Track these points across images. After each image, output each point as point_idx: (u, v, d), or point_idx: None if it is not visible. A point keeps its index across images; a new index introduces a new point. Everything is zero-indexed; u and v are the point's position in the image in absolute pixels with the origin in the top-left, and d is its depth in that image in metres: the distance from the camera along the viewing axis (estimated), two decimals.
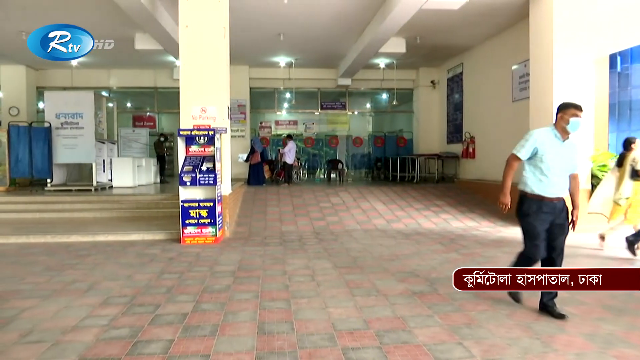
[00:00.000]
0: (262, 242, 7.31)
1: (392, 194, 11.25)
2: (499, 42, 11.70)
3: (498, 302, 4.14)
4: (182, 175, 7.26)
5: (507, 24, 10.88)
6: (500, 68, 11.56)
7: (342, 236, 7.79)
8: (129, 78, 15.76)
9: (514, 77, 10.99)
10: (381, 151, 16.59)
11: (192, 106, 7.82)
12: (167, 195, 10.12)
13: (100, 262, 5.80)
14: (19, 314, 3.87)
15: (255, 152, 13.18)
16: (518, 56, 10.70)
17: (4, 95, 14.85)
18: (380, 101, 18.14)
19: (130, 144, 15.13)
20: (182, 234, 7.18)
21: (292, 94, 15.91)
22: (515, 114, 10.86)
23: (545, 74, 8.77)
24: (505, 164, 4.09)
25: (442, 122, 15.39)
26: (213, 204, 7.23)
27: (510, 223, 8.98)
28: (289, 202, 10.37)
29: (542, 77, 8.85)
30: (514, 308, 4.00)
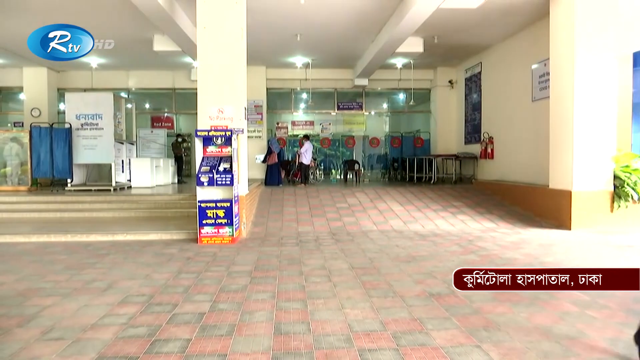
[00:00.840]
0: (278, 242, 7.34)
1: (409, 195, 11.19)
2: (518, 41, 11.56)
3: (517, 305, 4.08)
4: (200, 176, 7.33)
5: (527, 22, 10.74)
6: (520, 67, 11.42)
7: (358, 237, 7.77)
8: (148, 79, 15.98)
9: (533, 77, 10.84)
10: (398, 152, 16.51)
11: (210, 107, 7.89)
12: (185, 196, 10.23)
13: (119, 262, 5.89)
14: (40, 312, 3.95)
15: (273, 153, 13.25)
16: (538, 55, 10.56)
17: (27, 96, 15.17)
18: (397, 101, 18.05)
19: (149, 144, 15.33)
20: (199, 234, 7.25)
21: (309, 94, 15.94)
22: (535, 114, 10.72)
23: (566, 73, 8.63)
24: None
25: (460, 122, 15.25)
26: (230, 205, 7.28)
27: (529, 225, 8.86)
28: (306, 203, 10.39)
29: (563, 76, 8.72)
30: (533, 310, 3.95)
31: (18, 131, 12.74)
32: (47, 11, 9.66)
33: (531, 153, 10.85)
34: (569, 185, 8.56)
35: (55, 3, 9.32)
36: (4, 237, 7.39)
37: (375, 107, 17.95)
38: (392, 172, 16.33)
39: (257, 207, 10.01)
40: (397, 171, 16.11)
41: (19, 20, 10.21)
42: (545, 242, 7.30)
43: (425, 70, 15.75)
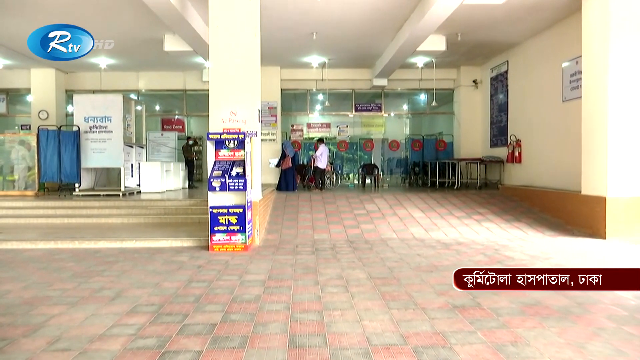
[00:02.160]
0: (293, 250, 7.34)
1: (431, 201, 11.12)
2: (548, 38, 11.43)
3: (547, 319, 4.01)
4: (211, 181, 7.39)
5: (556, 17, 10.62)
6: (549, 66, 11.29)
7: (377, 245, 7.74)
8: (158, 80, 16.18)
9: (564, 75, 10.70)
10: (419, 155, 16.43)
11: (222, 109, 7.96)
12: (196, 201, 10.31)
13: (128, 269, 5.95)
14: (47, 321, 4.00)
15: (287, 157, 13.28)
16: (569, 52, 10.42)
17: (34, 98, 15.49)
18: (418, 102, 17.98)
19: (159, 148, 15.51)
20: (211, 241, 7.29)
21: (325, 95, 15.96)
22: (565, 115, 10.57)
23: (599, 72, 8.50)
24: None
25: (485, 124, 15.13)
26: (243, 211, 7.31)
27: (560, 233, 8.72)
28: (322, 209, 10.39)
29: (596, 74, 8.58)
30: (565, 325, 3.87)
31: (25, 134, 13.02)
32: (56, 11, 9.86)
33: (562, 156, 10.70)
34: (603, 191, 8.41)
35: (64, 2, 9.52)
36: (11, 244, 7.54)
37: (395, 109, 17.90)
38: (413, 177, 16.25)
39: (271, 213, 10.05)
40: (418, 176, 16.03)
41: (26, 20, 10.43)
42: (578, 252, 7.18)
43: (448, 70, 15.67)
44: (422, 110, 17.73)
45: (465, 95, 15.70)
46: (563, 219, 9.48)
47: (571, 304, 4.41)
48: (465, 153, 15.45)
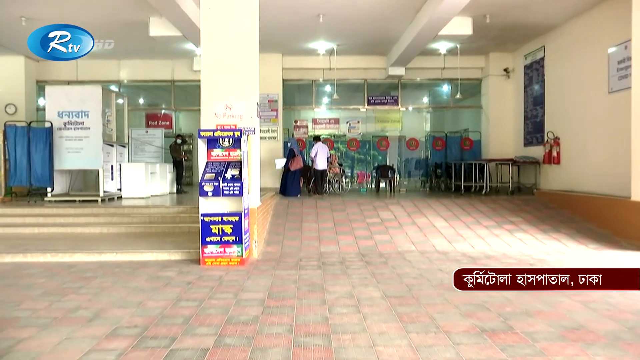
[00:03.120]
0: (296, 264, 7.34)
1: (455, 208, 11.10)
2: (591, 19, 11.40)
3: (591, 345, 3.98)
4: (203, 184, 7.40)
5: None
6: (593, 51, 11.25)
7: (393, 259, 7.73)
8: (142, 70, 16.25)
9: (610, 63, 10.66)
10: (441, 155, 16.40)
11: (215, 102, 7.98)
12: (185, 208, 10.33)
13: (108, 286, 5.96)
14: (14, 346, 4.01)
15: (296, 157, 13.25)
16: (616, 36, 10.37)
17: (0, 90, 15.53)
18: (440, 94, 17.96)
19: (143, 147, 15.59)
20: (202, 254, 7.30)
21: (334, 86, 15.98)
22: (612, 109, 10.52)
23: None
24: None
25: (518, 120, 15.09)
26: (239, 219, 7.32)
27: (606, 245, 8.66)
28: (330, 217, 10.39)
29: None
30: (614, 354, 3.84)
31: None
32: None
33: (608, 157, 10.64)
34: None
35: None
36: None
37: (413, 102, 17.91)
38: (435, 181, 16.23)
39: (271, 222, 10.06)
40: (441, 179, 16.01)
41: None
42: (629, 267, 7.12)
43: (475, 57, 15.66)
44: (444, 103, 17.72)
45: (494, 86, 15.67)
46: (610, 229, 9.43)
47: (620, 329, 4.38)
48: (494, 153, 15.41)
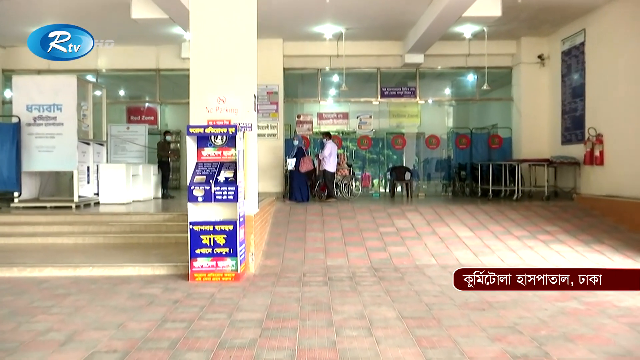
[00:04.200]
0: (299, 280, 7.34)
1: (482, 216, 11.08)
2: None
3: None
4: (192, 188, 7.40)
5: None
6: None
7: (410, 274, 7.72)
8: (123, 58, 16.27)
9: None
10: (466, 155, 16.37)
11: (207, 94, 7.99)
12: (172, 215, 10.35)
13: (83, 305, 5.97)
14: None
15: (307, 157, 13.18)
16: None
17: None
18: (465, 85, 17.94)
19: (124, 145, 15.60)
20: (191, 268, 7.30)
21: (342, 76, 15.97)
22: None
23: None
24: None
25: (555, 114, 15.04)
26: (233, 228, 7.32)
27: None
28: (337, 226, 10.39)
29: None
30: None
31: None
32: None
33: None
34: None
35: None
36: None
37: (434, 94, 17.88)
38: (458, 184, 16.17)
39: (270, 231, 10.06)
40: (465, 182, 15.96)
41: None
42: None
43: (505, 42, 15.62)
44: (470, 95, 17.69)
45: (527, 76, 15.62)
46: None
47: None
48: (527, 152, 15.36)
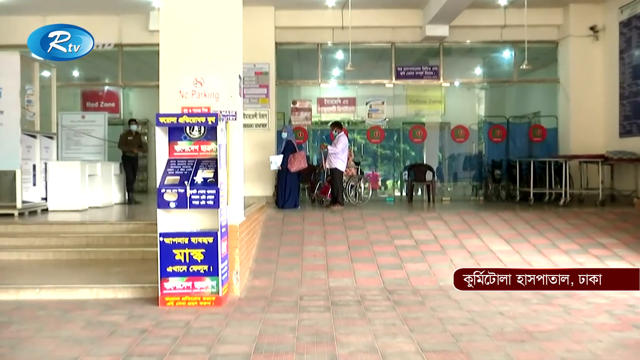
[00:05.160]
0: (295, 305, 7.33)
1: (521, 225, 11.07)
2: None
3: None
4: (163, 192, 7.37)
5: None
6: None
7: (432, 297, 7.70)
8: None
9: None
10: (501, 150, 16.37)
11: (181, 75, 7.96)
12: (138, 225, 10.32)
13: (28, 336, 5.94)
14: None
15: (297, 152, 13.00)
16: None
17: None
18: (499, 64, 17.93)
19: (78, 138, 15.55)
20: (162, 290, 7.26)
21: (348, 52, 15.93)
22: None
23: None
24: None
25: (611, 99, 15.08)
26: (214, 240, 7.29)
27: None
28: (342, 238, 10.37)
29: None
30: None
31: None
32: None
33: None
34: None
35: None
36: None
37: (461, 75, 17.87)
38: (492, 186, 16.12)
39: (260, 244, 10.04)
40: (500, 184, 15.95)
41: None
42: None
43: (550, 10, 15.65)
44: (506, 76, 17.66)
45: (577, 52, 15.63)
46: None
47: None
48: (577, 146, 15.37)
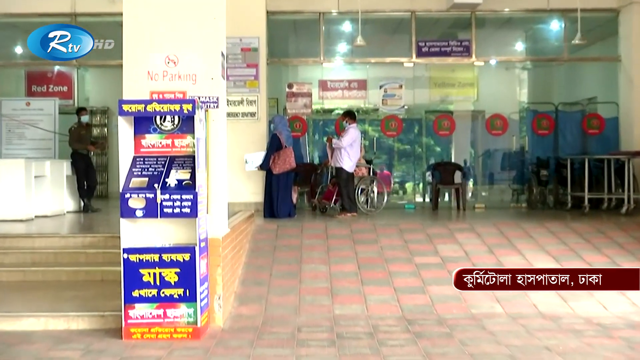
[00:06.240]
0: (291, 338, 7.33)
1: (573, 239, 11.09)
2: None
3: None
4: (128, 197, 7.38)
5: None
6: None
7: (462, 327, 7.72)
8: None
9: None
10: (548, 145, 16.39)
11: (149, 53, 7.99)
12: (96, 238, 10.34)
13: None
14: None
15: (285, 149, 12.95)
16: None
17: None
18: (545, 38, 17.97)
19: (22, 131, 15.61)
20: (126, 320, 7.26)
21: (357, 24, 16.00)
22: None
23: None
24: None
25: None
26: (191, 258, 7.29)
27: None
28: (350, 255, 10.38)
29: None
30: None
31: None
32: None
33: None
34: None
35: None
36: None
37: (498, 51, 17.92)
38: (537, 190, 16.11)
39: (248, 262, 10.05)
40: (547, 187, 15.96)
41: None
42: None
43: None
44: (554, 53, 17.68)
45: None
46: None
47: None
48: None
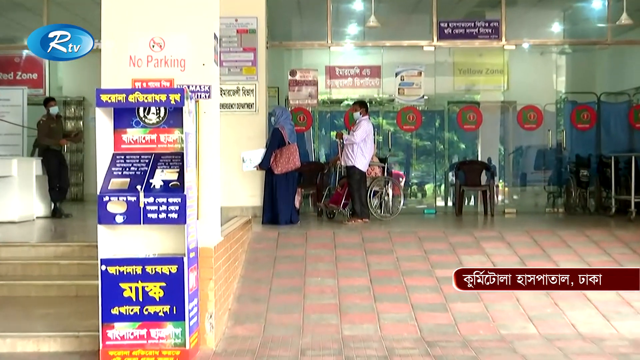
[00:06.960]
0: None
1: (617, 249, 11.12)
2: None
3: None
4: (106, 200, 7.41)
5: None
6: None
7: (490, 350, 7.73)
8: None
9: None
10: (589, 142, 16.41)
11: (132, 34, 8.04)
12: (70, 248, 10.36)
13: None
14: None
15: (287, 146, 12.94)
16: None
17: None
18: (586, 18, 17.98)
19: None
20: (104, 341, 7.27)
21: (369, 2, 16.02)
22: None
23: None
24: None
25: None
26: (178, 270, 7.32)
27: None
28: (361, 267, 10.39)
29: None
30: None
31: None
32: None
33: None
34: None
35: None
36: None
37: (531, 33, 17.93)
38: (576, 193, 16.12)
39: (245, 275, 10.07)
40: (588, 190, 15.95)
41: None
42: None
43: None
44: (595, 36, 17.69)
45: None
46: None
47: None
48: None
